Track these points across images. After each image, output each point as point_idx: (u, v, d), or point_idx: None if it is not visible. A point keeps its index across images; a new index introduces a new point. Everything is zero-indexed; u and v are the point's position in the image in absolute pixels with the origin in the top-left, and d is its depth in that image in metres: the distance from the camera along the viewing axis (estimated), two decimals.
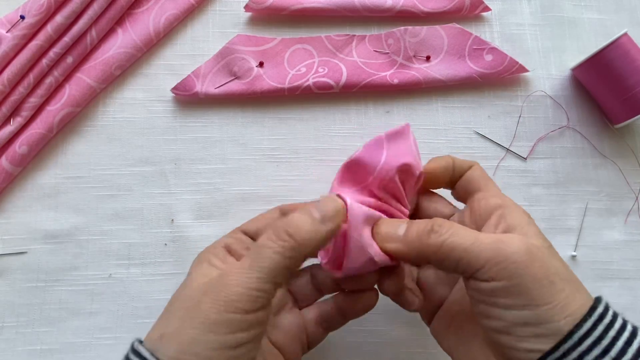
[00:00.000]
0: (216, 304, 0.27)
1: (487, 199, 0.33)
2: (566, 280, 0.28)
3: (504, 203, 0.32)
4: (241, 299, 0.27)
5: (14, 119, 0.46)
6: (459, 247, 0.29)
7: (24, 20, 0.46)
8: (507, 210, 0.32)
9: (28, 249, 0.46)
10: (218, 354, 0.26)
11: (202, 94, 0.49)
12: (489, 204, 0.33)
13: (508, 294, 0.28)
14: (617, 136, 0.51)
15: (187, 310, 0.28)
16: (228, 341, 0.26)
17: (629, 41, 0.47)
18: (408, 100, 0.51)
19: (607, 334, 0.27)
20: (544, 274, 0.28)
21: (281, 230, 0.29)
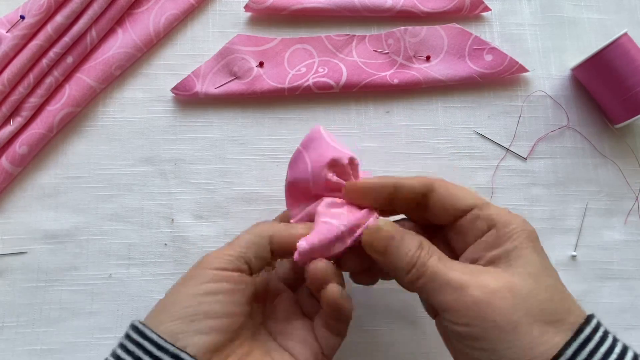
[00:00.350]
0: (193, 270, 0.32)
1: (484, 217, 0.32)
2: (539, 321, 0.28)
3: (505, 221, 0.32)
4: (213, 262, 0.32)
5: (14, 119, 0.46)
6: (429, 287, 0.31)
7: (24, 20, 0.46)
8: (505, 231, 0.31)
9: (28, 249, 0.46)
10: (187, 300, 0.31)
11: (202, 94, 0.49)
12: (484, 225, 0.32)
13: (469, 337, 0.29)
14: (617, 136, 0.51)
15: (182, 279, 0.33)
16: (198, 289, 0.31)
17: (629, 41, 0.47)
18: (408, 100, 0.51)
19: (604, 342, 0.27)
20: (507, 319, 0.28)
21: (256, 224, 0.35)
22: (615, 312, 0.47)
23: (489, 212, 0.32)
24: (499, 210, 0.33)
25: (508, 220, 0.32)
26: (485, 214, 0.32)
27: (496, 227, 0.32)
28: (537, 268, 0.30)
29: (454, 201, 0.34)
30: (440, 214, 0.34)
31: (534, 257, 0.30)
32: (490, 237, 0.32)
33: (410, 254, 0.32)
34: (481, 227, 0.32)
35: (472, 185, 0.49)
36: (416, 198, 0.34)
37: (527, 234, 0.31)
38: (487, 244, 0.32)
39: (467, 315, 0.29)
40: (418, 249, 0.32)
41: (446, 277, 0.30)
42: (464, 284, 0.29)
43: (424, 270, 0.31)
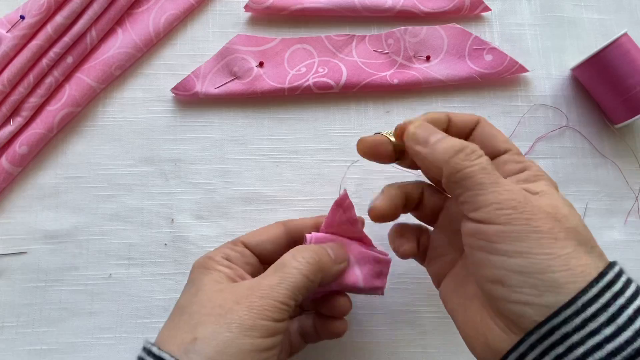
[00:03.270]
0: (251, 311, 0.30)
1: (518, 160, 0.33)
2: (575, 241, 0.28)
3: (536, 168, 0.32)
4: (272, 309, 0.30)
5: (14, 119, 0.46)
6: (475, 179, 0.29)
7: (24, 20, 0.46)
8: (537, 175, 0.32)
9: (28, 249, 0.46)
10: (250, 356, 0.29)
11: (202, 94, 0.49)
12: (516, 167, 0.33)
13: (505, 238, 0.28)
14: (617, 136, 0.51)
15: (219, 316, 0.30)
16: (259, 345, 0.29)
17: (629, 41, 0.47)
18: (408, 100, 0.51)
19: (615, 302, 0.26)
20: (548, 228, 0.27)
21: (309, 254, 0.34)
22: None
23: (522, 158, 0.33)
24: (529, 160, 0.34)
25: (538, 168, 0.33)
26: (519, 158, 0.33)
27: (528, 169, 0.32)
28: (565, 202, 0.30)
29: (493, 140, 0.34)
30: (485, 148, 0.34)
31: (558, 196, 0.31)
32: (525, 175, 0.32)
33: (459, 143, 0.31)
34: (514, 168, 0.33)
35: None
36: (464, 130, 0.35)
37: (553, 182, 0.32)
38: (521, 179, 0.32)
39: (510, 213, 0.28)
40: (465, 143, 0.31)
41: (495, 174, 0.30)
42: (513, 188, 0.29)
43: (472, 159, 0.30)
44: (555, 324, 0.26)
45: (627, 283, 0.27)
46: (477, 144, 0.32)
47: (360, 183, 0.48)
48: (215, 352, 0.28)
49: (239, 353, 0.29)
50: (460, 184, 0.30)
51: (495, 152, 0.34)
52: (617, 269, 0.27)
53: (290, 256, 0.33)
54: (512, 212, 0.28)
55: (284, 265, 0.33)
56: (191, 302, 0.32)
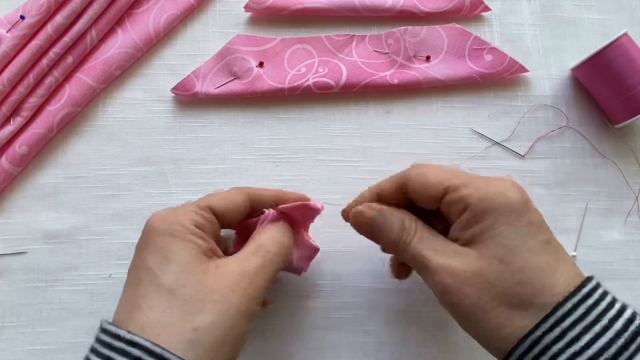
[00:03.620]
0: (246, 299, 0.31)
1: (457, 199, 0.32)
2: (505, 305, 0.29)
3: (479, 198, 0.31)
4: (260, 295, 0.32)
5: (14, 119, 0.46)
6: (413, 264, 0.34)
7: (24, 20, 0.46)
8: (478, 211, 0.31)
9: (28, 249, 0.46)
10: (243, 339, 0.31)
11: (202, 94, 0.49)
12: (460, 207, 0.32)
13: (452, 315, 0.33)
14: (617, 136, 0.51)
15: (216, 302, 0.30)
16: (248, 328, 0.32)
17: (629, 41, 0.47)
18: (408, 100, 0.51)
19: (591, 312, 0.28)
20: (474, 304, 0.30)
21: (281, 239, 0.36)
22: None
23: (461, 193, 0.32)
24: (476, 184, 0.32)
25: (483, 196, 0.31)
26: (458, 196, 0.32)
27: (469, 207, 0.31)
28: (509, 247, 0.30)
29: (425, 191, 0.34)
30: (422, 203, 0.35)
31: (508, 234, 0.30)
32: (465, 217, 0.32)
33: (393, 235, 0.34)
34: (457, 209, 0.32)
35: None
36: (398, 197, 0.36)
37: (503, 207, 0.30)
38: (462, 224, 0.32)
39: (443, 300, 0.32)
40: (400, 230, 0.34)
41: (423, 260, 0.32)
42: (438, 269, 0.31)
43: (405, 251, 0.33)
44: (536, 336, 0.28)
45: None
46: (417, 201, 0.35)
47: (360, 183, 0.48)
48: (216, 341, 0.29)
49: (235, 339, 0.30)
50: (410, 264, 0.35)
51: (434, 200, 0.34)
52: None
53: (268, 239, 0.35)
54: (442, 297, 0.31)
55: (264, 248, 0.34)
56: (180, 286, 0.30)
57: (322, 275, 0.46)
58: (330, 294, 0.46)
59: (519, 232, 0.30)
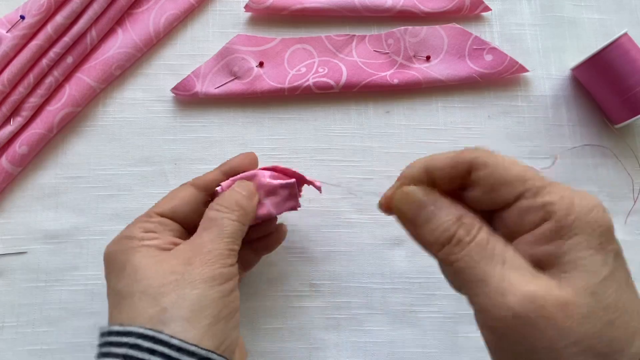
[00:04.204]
0: (206, 264, 0.31)
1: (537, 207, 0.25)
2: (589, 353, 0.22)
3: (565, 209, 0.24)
4: (223, 257, 0.32)
5: (14, 119, 0.46)
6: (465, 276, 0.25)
7: (24, 20, 0.46)
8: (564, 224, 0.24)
9: (28, 249, 0.46)
10: (222, 302, 0.30)
11: (202, 94, 0.49)
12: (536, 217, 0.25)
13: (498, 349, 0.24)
14: (617, 136, 0.51)
15: (177, 280, 0.30)
16: (225, 290, 0.31)
17: (629, 41, 0.47)
18: (408, 100, 0.51)
19: None
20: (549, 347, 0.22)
21: (231, 203, 0.35)
22: None
23: (545, 199, 0.25)
24: (561, 193, 0.25)
25: (569, 208, 0.24)
26: (541, 202, 0.25)
27: (552, 217, 0.24)
28: (600, 277, 0.23)
29: (500, 187, 0.26)
30: (482, 199, 0.27)
31: (598, 261, 0.23)
32: (543, 229, 0.24)
33: (443, 228, 0.26)
34: (534, 218, 0.25)
35: None
36: (451, 183, 0.28)
37: (593, 225, 0.24)
38: (537, 238, 0.25)
39: (500, 328, 0.23)
40: (455, 224, 0.26)
41: (484, 273, 0.24)
42: (505, 286, 0.23)
43: (458, 251, 0.25)
44: None
45: None
46: (478, 196, 0.27)
47: (360, 183, 0.48)
48: (190, 311, 0.29)
49: (212, 303, 0.30)
50: (454, 278, 0.26)
51: (504, 202, 0.26)
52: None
53: (214, 211, 0.34)
54: (500, 325, 0.23)
55: (213, 219, 0.34)
56: (135, 283, 0.31)
57: (322, 275, 0.46)
58: (330, 294, 0.46)
59: (609, 260, 0.23)
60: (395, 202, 0.29)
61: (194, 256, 0.31)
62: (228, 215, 0.34)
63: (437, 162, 0.28)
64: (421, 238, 0.27)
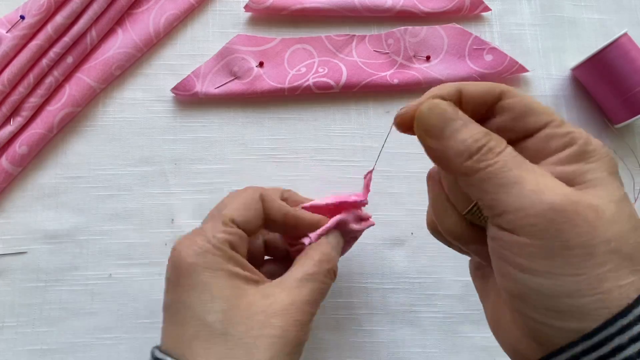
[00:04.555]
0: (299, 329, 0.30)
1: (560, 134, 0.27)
2: (616, 255, 0.23)
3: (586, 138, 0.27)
4: (309, 321, 0.32)
5: (14, 119, 0.46)
6: (494, 181, 0.25)
7: (24, 20, 0.46)
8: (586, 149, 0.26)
9: (28, 249, 0.46)
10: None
11: (202, 94, 0.49)
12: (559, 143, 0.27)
13: (528, 254, 0.24)
14: (617, 136, 0.51)
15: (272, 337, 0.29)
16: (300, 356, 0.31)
17: (629, 41, 0.47)
18: (408, 100, 0.50)
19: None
20: (582, 241, 0.23)
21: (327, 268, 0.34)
22: None
23: (568, 129, 0.27)
24: (578, 128, 0.27)
25: (589, 139, 0.27)
26: (563, 131, 0.27)
27: (576, 143, 0.26)
28: (619, 195, 0.25)
29: (526, 115, 0.27)
30: (509, 126, 0.28)
31: (615, 183, 0.25)
32: (567, 152, 0.26)
33: (474, 138, 0.26)
34: (558, 144, 0.27)
35: None
36: (483, 105, 0.28)
37: (609, 160, 0.26)
38: (561, 159, 0.26)
39: (536, 223, 0.23)
40: (486, 137, 0.26)
41: (518, 176, 0.24)
42: (541, 187, 0.24)
43: (490, 158, 0.25)
44: (576, 352, 0.23)
45: None
46: (505, 122, 0.28)
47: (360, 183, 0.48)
48: None
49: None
50: (478, 187, 0.25)
51: (530, 129, 0.27)
52: None
53: (318, 268, 0.33)
54: (536, 221, 0.23)
55: (313, 277, 0.33)
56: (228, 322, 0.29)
57: None
58: (330, 294, 0.45)
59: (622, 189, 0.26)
60: (421, 112, 0.27)
61: (289, 313, 0.30)
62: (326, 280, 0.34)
63: (470, 86, 0.28)
64: (447, 149, 0.26)
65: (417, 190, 0.48)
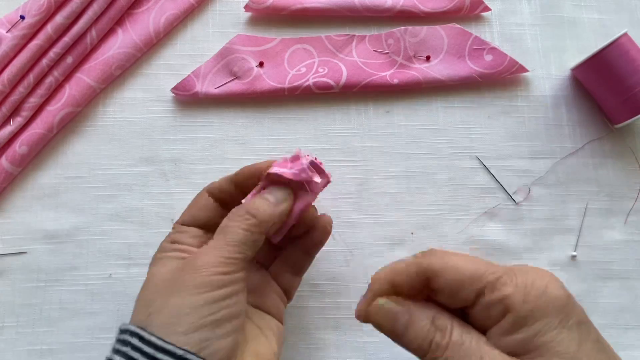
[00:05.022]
0: (196, 272, 0.31)
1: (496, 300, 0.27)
2: None
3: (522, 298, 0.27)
4: (218, 264, 0.31)
5: (14, 119, 0.46)
6: None
7: (24, 20, 0.46)
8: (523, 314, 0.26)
9: (28, 249, 0.46)
10: (207, 308, 0.30)
11: (202, 94, 0.49)
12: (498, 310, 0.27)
13: None
14: (617, 136, 0.51)
15: (167, 288, 0.31)
16: (213, 297, 0.30)
17: (629, 41, 0.47)
18: (408, 100, 0.51)
19: None
20: None
21: (243, 212, 0.34)
22: (614, 312, 0.47)
23: (501, 293, 0.27)
24: (515, 280, 0.27)
25: (526, 297, 0.27)
26: (497, 297, 0.27)
27: (512, 310, 0.26)
28: (570, 354, 0.25)
29: (459, 290, 0.28)
30: (450, 303, 0.29)
31: (563, 340, 0.26)
32: (507, 322, 0.27)
33: (422, 337, 0.28)
34: (497, 312, 0.27)
35: (472, 185, 0.49)
36: (417, 291, 0.30)
37: (552, 308, 0.26)
38: (504, 330, 0.27)
39: None
40: (430, 330, 0.28)
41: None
42: None
43: (439, 355, 0.27)
44: None
45: None
46: (443, 300, 0.29)
47: (360, 183, 0.48)
48: (169, 316, 0.30)
49: (194, 309, 0.30)
50: None
51: (468, 301, 0.28)
52: None
53: (227, 219, 0.34)
54: None
55: (221, 227, 0.34)
56: (142, 291, 0.33)
57: (322, 275, 0.46)
58: (330, 294, 0.46)
59: (574, 336, 0.26)
60: (371, 317, 0.30)
61: (190, 264, 0.32)
62: (236, 224, 0.34)
63: (397, 277, 0.30)
64: (405, 346, 0.29)
65: (417, 190, 0.48)
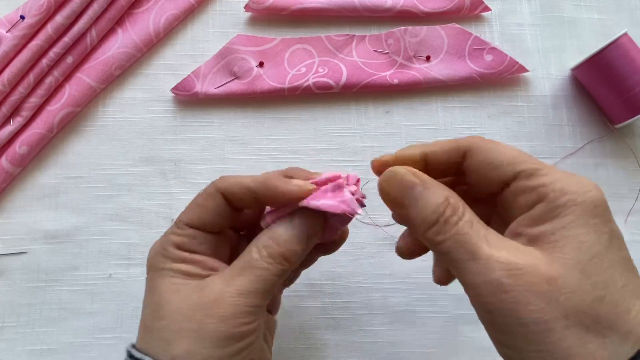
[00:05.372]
0: (224, 323, 0.28)
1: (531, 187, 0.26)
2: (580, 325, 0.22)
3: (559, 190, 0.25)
4: (244, 315, 0.28)
5: (14, 119, 0.46)
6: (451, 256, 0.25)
7: (24, 20, 0.46)
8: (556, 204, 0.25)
9: (28, 249, 0.46)
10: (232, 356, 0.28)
11: (202, 94, 0.49)
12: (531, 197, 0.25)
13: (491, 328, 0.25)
14: (617, 136, 0.51)
15: (192, 331, 0.28)
16: (235, 348, 0.28)
17: (629, 41, 0.47)
18: (408, 100, 0.51)
19: None
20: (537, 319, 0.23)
21: (278, 254, 0.30)
22: None
23: (538, 181, 0.25)
24: (555, 175, 0.26)
25: (563, 188, 0.25)
26: (534, 184, 0.25)
27: (546, 199, 0.25)
28: (591, 254, 0.23)
29: (493, 169, 0.27)
30: (478, 184, 0.28)
31: (590, 238, 0.24)
32: (537, 210, 0.25)
33: (432, 209, 0.26)
34: (527, 200, 0.26)
35: None
36: (449, 166, 0.28)
37: (588, 206, 0.24)
38: (531, 219, 0.25)
39: (491, 303, 0.23)
40: (443, 204, 0.26)
41: (472, 246, 0.24)
42: (491, 262, 0.23)
43: (446, 231, 0.25)
44: None
45: None
46: (473, 178, 0.28)
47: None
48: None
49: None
50: (442, 258, 0.26)
51: (499, 183, 0.27)
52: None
53: (256, 253, 0.30)
54: (489, 300, 0.23)
55: (251, 265, 0.29)
56: (157, 320, 0.29)
57: (322, 275, 0.46)
58: (330, 294, 0.46)
59: (602, 240, 0.24)
60: (381, 184, 0.29)
61: (215, 305, 0.28)
62: (269, 268, 0.29)
63: (433, 147, 0.29)
64: (410, 217, 0.27)
65: None
